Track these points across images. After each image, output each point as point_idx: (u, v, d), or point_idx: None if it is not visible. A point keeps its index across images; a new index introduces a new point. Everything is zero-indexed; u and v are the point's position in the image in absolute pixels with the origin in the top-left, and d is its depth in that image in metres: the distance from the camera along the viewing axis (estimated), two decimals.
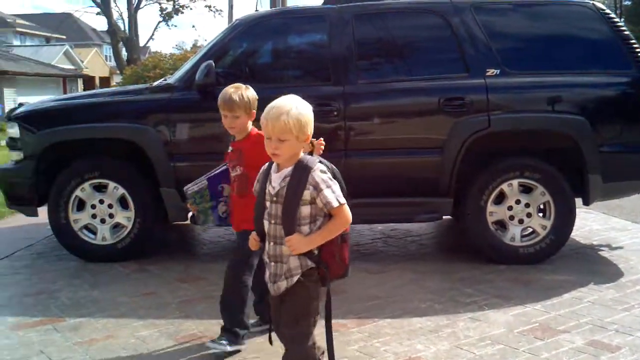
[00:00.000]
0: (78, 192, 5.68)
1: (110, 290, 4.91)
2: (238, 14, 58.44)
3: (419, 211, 5.49)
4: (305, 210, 2.68)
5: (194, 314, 4.43)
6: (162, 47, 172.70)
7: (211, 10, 33.31)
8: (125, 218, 5.69)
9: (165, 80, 6.20)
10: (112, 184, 5.64)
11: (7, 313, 4.60)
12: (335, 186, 2.68)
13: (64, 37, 56.71)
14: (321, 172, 2.68)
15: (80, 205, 5.74)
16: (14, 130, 5.89)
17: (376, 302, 4.61)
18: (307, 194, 2.66)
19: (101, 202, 5.68)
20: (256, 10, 6.33)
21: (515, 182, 5.39)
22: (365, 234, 6.72)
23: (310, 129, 2.70)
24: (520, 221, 5.44)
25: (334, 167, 2.81)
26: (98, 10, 31.08)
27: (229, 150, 3.80)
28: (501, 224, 5.49)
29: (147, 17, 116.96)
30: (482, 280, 5.04)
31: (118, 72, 35.52)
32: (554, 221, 5.39)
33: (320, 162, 2.75)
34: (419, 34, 5.75)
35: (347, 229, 2.78)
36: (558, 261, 5.47)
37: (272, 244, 2.78)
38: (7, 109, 29.53)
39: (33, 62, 36.88)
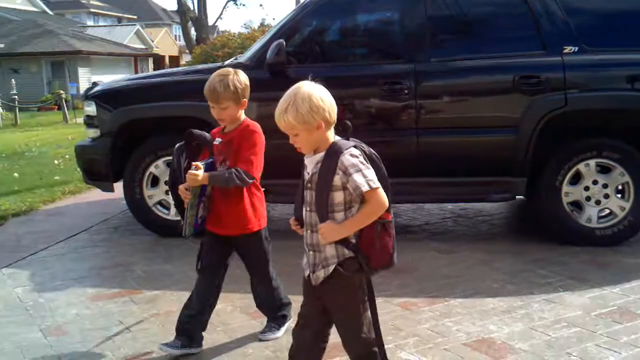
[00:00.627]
0: (152, 169, 5.83)
1: (183, 263, 5.02)
2: None
3: (491, 191, 5.40)
4: (338, 196, 2.56)
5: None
6: (230, 26, 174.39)
7: None
8: None
9: (237, 59, 6.26)
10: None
11: (87, 284, 4.77)
12: (368, 170, 2.53)
13: (135, 17, 57.84)
14: (351, 155, 2.53)
15: (154, 181, 5.88)
16: (91, 109, 6.06)
17: (447, 282, 4.57)
18: (337, 180, 2.53)
19: None
20: None
21: (592, 162, 5.23)
22: (434, 213, 6.66)
23: (322, 115, 2.53)
24: (597, 202, 5.28)
25: (372, 150, 2.69)
26: None
27: (216, 142, 3.48)
28: (577, 205, 5.35)
29: None
30: (556, 261, 4.93)
31: (187, 51, 36.04)
32: (633, 203, 5.21)
33: (354, 146, 2.60)
34: (493, 10, 5.60)
35: (389, 217, 2.62)
36: (636, 244, 5.30)
37: (309, 231, 2.69)
38: (81, 88, 30.47)
39: (106, 42, 37.80)
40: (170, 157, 5.74)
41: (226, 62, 6.23)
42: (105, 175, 6.03)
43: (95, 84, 19.52)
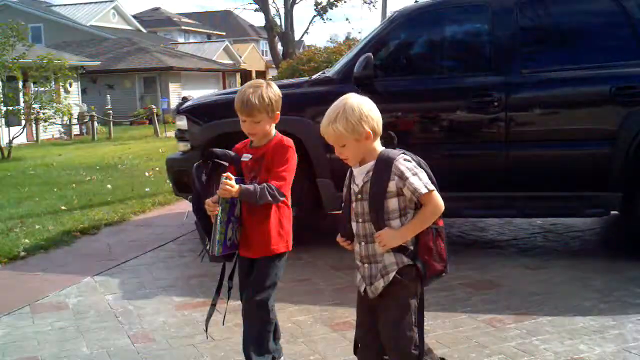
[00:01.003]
0: None
1: None
2: (392, 6, 58.08)
3: (584, 205, 5.20)
4: (392, 203, 2.57)
5: (347, 301, 4.46)
6: (315, 40, 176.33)
7: (365, 2, 33.40)
8: None
9: (324, 73, 6.30)
10: None
11: (174, 293, 4.88)
12: (422, 174, 2.58)
13: (224, 33, 59.36)
14: (405, 160, 2.58)
15: None
16: (182, 123, 6.21)
17: (535, 298, 4.41)
18: (392, 185, 2.55)
19: None
20: (415, 2, 6.24)
21: None
22: (523, 228, 6.46)
23: (371, 125, 2.56)
24: None
25: (420, 159, 2.69)
26: (256, 7, 32.13)
27: (245, 159, 3.21)
28: None
29: (302, 11, 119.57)
30: None
31: (273, 66, 36.62)
32: None
33: (404, 153, 2.63)
34: (587, 19, 5.44)
35: (441, 223, 2.66)
36: None
37: (363, 244, 2.68)
38: (172, 102, 31.44)
39: (196, 57, 38.91)
40: None
41: (314, 77, 6.28)
42: None
43: (185, 98, 20.12)
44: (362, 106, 2.57)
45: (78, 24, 39.67)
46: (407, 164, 2.56)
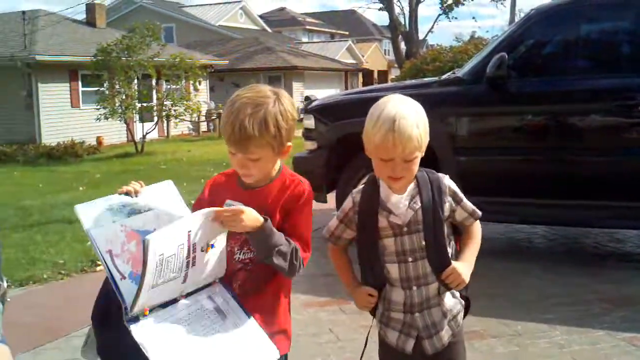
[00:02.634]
0: (364, 182, 5.90)
1: None
2: (521, 4, 56.50)
3: None
4: (445, 228, 2.16)
5: (472, 310, 4.35)
6: (439, 39, 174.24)
7: (493, 0, 32.62)
8: None
9: (454, 73, 6.18)
10: None
11: (299, 291, 4.92)
12: None
13: (347, 33, 59.75)
14: (449, 178, 2.18)
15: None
16: (309, 122, 6.29)
17: None
18: (447, 207, 2.14)
19: None
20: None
21: None
22: None
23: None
24: None
25: None
26: (380, 6, 32.14)
27: (231, 206, 2.04)
28: None
29: (427, 10, 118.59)
30: None
31: (396, 65, 36.49)
32: None
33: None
34: None
35: None
36: None
37: (414, 289, 2.15)
38: (295, 102, 32.01)
39: (319, 57, 39.38)
40: None
41: (443, 77, 6.18)
42: (319, 187, 6.22)
43: (307, 98, 20.44)
44: (424, 114, 2.07)
45: (207, 24, 41.20)
46: (452, 182, 2.19)
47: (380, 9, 32.26)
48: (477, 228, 2.23)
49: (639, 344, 3.73)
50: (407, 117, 1.98)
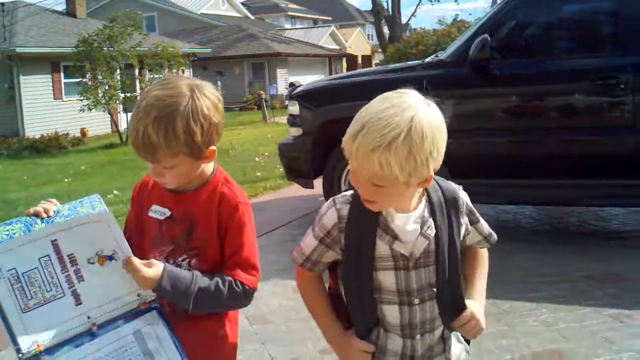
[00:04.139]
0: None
1: None
2: None
3: None
4: None
5: None
6: (422, 23, 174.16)
7: None
8: None
9: (437, 56, 6.19)
10: None
11: (288, 277, 4.93)
12: None
13: (330, 18, 59.55)
14: (464, 191, 1.74)
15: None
16: (294, 108, 6.29)
17: None
18: (463, 230, 1.71)
19: None
20: None
21: None
22: None
23: (437, 164, 1.52)
24: None
25: None
26: None
27: (157, 216, 1.84)
28: None
29: None
30: None
31: (380, 50, 36.44)
32: None
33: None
34: None
35: None
36: None
37: (417, 337, 1.67)
38: (279, 88, 31.91)
39: (302, 43, 39.25)
40: None
41: (427, 60, 6.18)
42: (306, 173, 6.23)
43: (292, 84, 20.40)
44: (438, 129, 1.50)
45: (189, 12, 40.94)
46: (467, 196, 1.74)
47: None
48: (485, 252, 1.84)
49: (625, 320, 3.78)
50: (371, 130, 1.47)
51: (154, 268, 1.68)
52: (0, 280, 1.58)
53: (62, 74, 20.87)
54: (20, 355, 1.55)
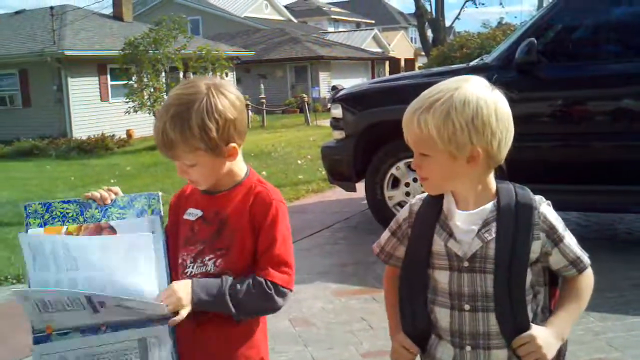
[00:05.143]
0: (393, 170, 5.90)
1: None
2: None
3: None
4: (527, 276, 1.57)
5: None
6: (466, 26, 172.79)
7: None
8: None
9: (482, 59, 6.13)
10: None
11: (331, 279, 4.96)
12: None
13: (373, 21, 59.45)
14: (549, 205, 1.60)
15: (395, 182, 5.95)
16: (337, 111, 6.29)
17: None
18: (536, 247, 1.55)
19: (415, 180, 5.82)
20: None
21: None
22: None
23: (487, 141, 1.50)
24: None
25: None
26: None
27: (190, 217, 1.86)
28: None
29: None
30: None
31: (423, 53, 36.29)
32: None
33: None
34: None
35: None
36: None
37: (467, 349, 1.59)
38: (321, 91, 31.97)
39: (345, 46, 39.26)
40: (412, 160, 5.83)
41: (471, 63, 6.13)
42: (348, 176, 6.23)
43: (334, 87, 20.43)
44: (486, 103, 1.49)
45: (233, 16, 41.35)
46: (553, 210, 1.60)
47: None
48: (584, 282, 1.63)
49: None
50: (420, 97, 1.54)
51: (181, 283, 1.71)
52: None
53: (108, 77, 21.27)
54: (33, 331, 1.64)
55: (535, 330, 1.54)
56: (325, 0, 65.18)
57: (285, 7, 51.61)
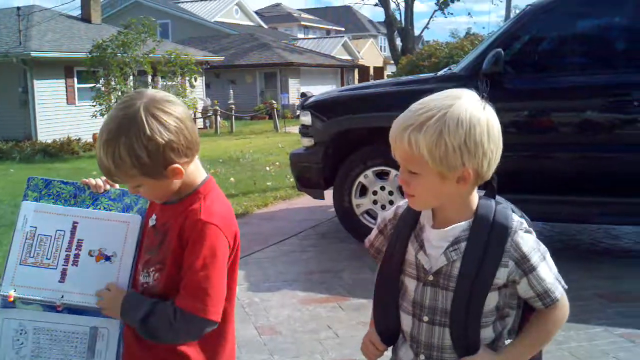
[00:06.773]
0: (361, 179, 5.91)
1: None
2: (516, 0, 56.52)
3: None
4: (491, 299, 1.54)
5: None
6: (435, 36, 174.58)
7: None
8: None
9: (450, 69, 6.19)
10: (393, 172, 5.75)
11: (298, 287, 4.94)
12: (548, 255, 1.57)
13: (343, 29, 59.72)
14: (525, 232, 1.56)
15: (363, 191, 5.96)
16: (306, 118, 6.29)
17: None
18: (502, 274, 1.52)
19: (382, 188, 5.84)
20: None
21: None
22: None
23: (478, 162, 1.48)
24: None
25: (525, 216, 1.66)
26: (376, 1, 32.16)
27: (151, 222, 1.86)
28: None
29: (422, 6, 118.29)
30: None
31: (392, 62, 36.48)
32: None
33: (512, 210, 1.60)
34: None
35: None
36: None
37: (422, 357, 1.62)
38: (291, 98, 31.97)
39: (315, 53, 39.34)
40: (380, 168, 5.89)
41: (439, 73, 6.18)
42: (316, 183, 6.23)
43: (303, 94, 20.47)
44: (479, 123, 1.46)
45: (203, 20, 41.15)
46: (529, 238, 1.55)
47: (375, 5, 32.35)
48: (552, 316, 1.57)
49: (636, 340, 3.75)
50: (410, 112, 1.50)
51: (114, 295, 1.78)
52: (21, 231, 1.87)
53: (75, 79, 20.98)
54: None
55: (482, 354, 1.54)
56: (295, 6, 65.31)
57: (256, 12, 51.52)
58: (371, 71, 49.05)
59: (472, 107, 1.47)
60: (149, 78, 19.45)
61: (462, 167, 1.46)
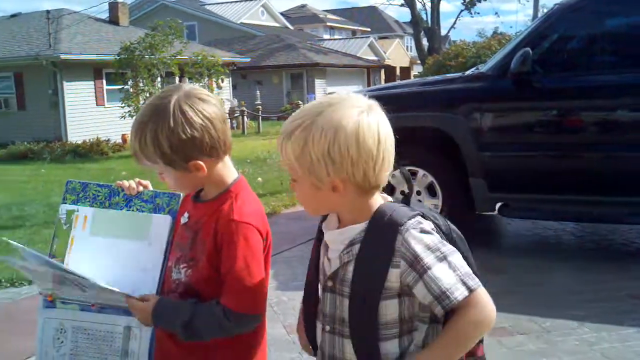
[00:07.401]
0: (389, 178, 5.89)
1: None
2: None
3: None
4: (390, 308, 1.42)
5: (500, 307, 4.32)
6: (461, 35, 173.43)
7: None
8: (432, 205, 5.76)
9: (478, 68, 6.15)
10: (421, 172, 5.75)
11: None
12: (455, 256, 1.40)
13: (369, 29, 59.60)
14: (421, 232, 1.40)
15: (391, 191, 5.94)
16: None
17: None
18: (393, 276, 1.39)
19: (407, 190, 5.82)
20: None
21: None
22: None
23: (347, 172, 1.39)
24: None
25: (451, 225, 1.55)
26: (402, 2, 32.07)
27: (183, 220, 1.87)
28: None
29: (448, 6, 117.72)
30: None
31: (418, 62, 36.35)
32: None
33: (422, 215, 1.46)
34: None
35: (481, 352, 1.56)
36: None
37: None
38: (317, 98, 31.95)
39: (341, 54, 39.34)
40: (408, 167, 5.87)
41: (467, 72, 6.15)
42: None
43: (329, 95, 20.42)
44: (346, 132, 1.37)
45: (229, 22, 41.38)
46: (424, 237, 1.39)
47: (401, 5, 32.24)
48: (461, 320, 1.37)
49: None
50: (290, 119, 1.43)
51: (145, 302, 1.75)
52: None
53: (104, 81, 21.20)
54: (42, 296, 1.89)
55: None
56: (321, 7, 65.38)
57: (282, 14, 51.65)
58: (397, 71, 48.88)
59: (341, 115, 1.38)
60: (177, 79, 19.60)
61: (328, 177, 1.39)
